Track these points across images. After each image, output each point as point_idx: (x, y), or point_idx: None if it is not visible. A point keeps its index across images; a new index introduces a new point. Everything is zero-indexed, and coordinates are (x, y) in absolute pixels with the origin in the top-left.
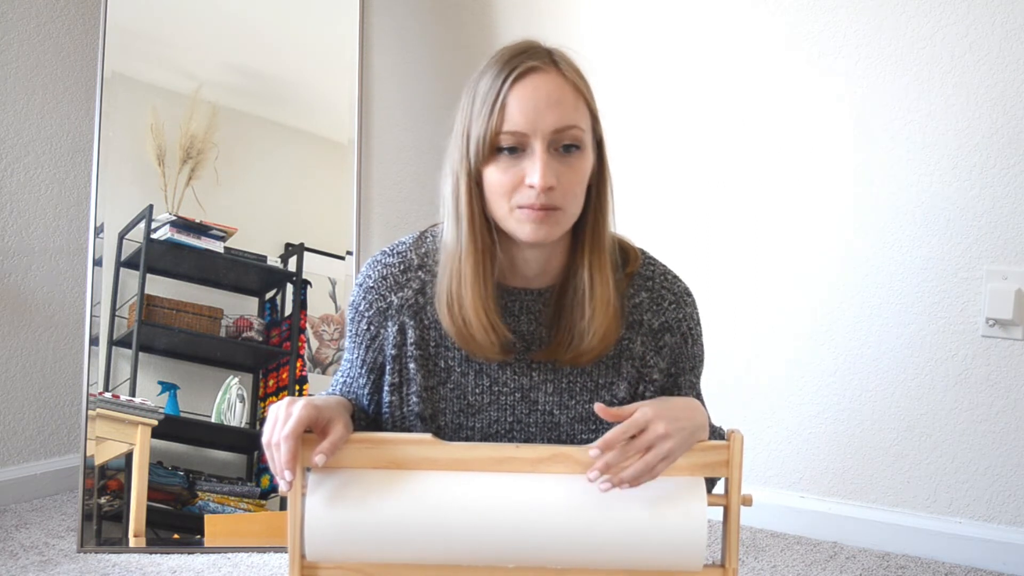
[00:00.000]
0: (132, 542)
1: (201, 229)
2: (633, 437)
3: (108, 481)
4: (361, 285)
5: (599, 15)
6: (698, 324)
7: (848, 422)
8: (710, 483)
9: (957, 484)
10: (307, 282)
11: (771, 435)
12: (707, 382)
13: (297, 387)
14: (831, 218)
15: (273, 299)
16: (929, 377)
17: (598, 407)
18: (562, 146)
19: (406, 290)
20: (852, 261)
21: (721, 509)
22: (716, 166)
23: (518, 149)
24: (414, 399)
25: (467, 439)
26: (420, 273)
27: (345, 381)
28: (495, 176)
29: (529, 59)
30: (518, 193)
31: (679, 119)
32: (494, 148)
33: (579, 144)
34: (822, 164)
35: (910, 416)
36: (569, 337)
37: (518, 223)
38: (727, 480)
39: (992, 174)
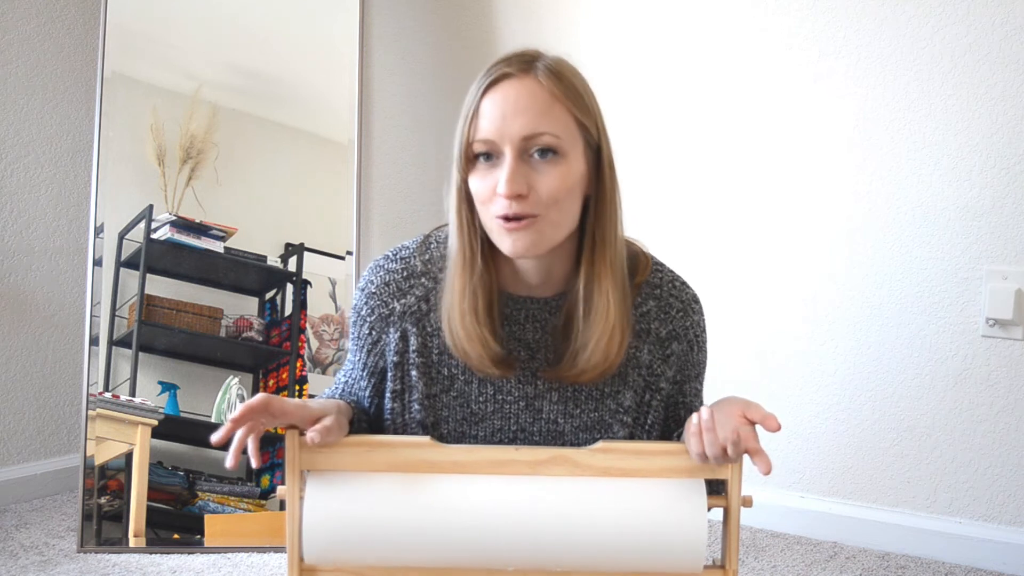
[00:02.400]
0: (132, 542)
1: (201, 229)
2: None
3: (108, 481)
4: (363, 290)
5: (599, 15)
6: (704, 331)
7: (848, 422)
8: (713, 486)
9: (957, 484)
10: (307, 282)
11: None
12: (708, 382)
13: (297, 387)
14: (831, 218)
15: (273, 299)
16: (929, 377)
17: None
18: (538, 152)
19: (409, 297)
20: (852, 261)
21: (721, 510)
22: (716, 167)
23: (493, 157)
24: (416, 407)
25: None
26: (424, 280)
27: (347, 381)
28: (476, 185)
29: (507, 66)
30: (493, 203)
31: (680, 120)
32: (470, 157)
33: (555, 150)
34: (822, 164)
35: (910, 416)
36: (572, 355)
37: (498, 235)
38: (727, 480)
39: (992, 174)
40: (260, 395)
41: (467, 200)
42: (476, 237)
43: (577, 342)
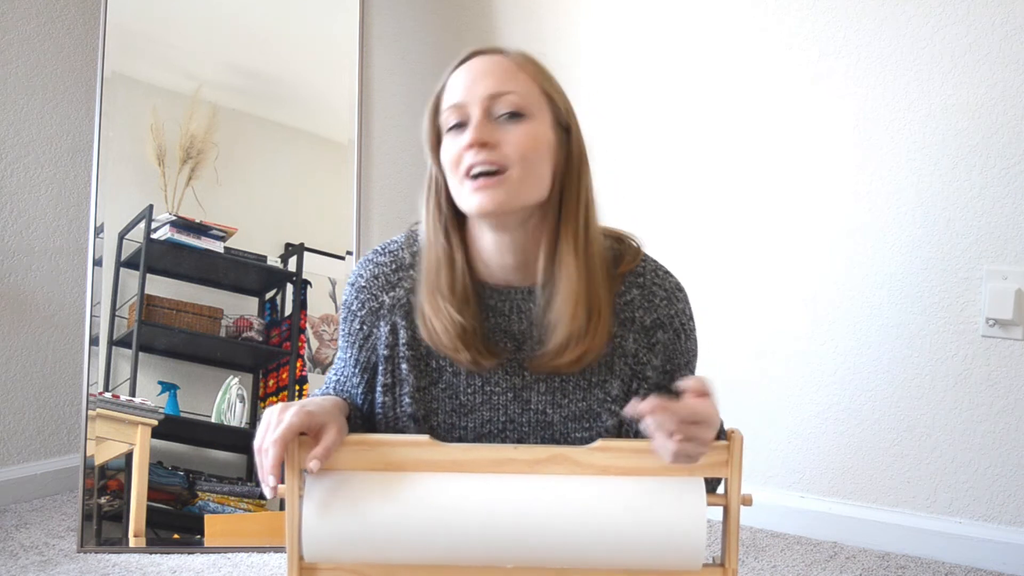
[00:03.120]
0: (132, 542)
1: (201, 229)
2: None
3: (108, 481)
4: (353, 284)
5: (599, 15)
6: (691, 319)
7: (848, 422)
8: (712, 484)
9: (957, 484)
10: (307, 282)
11: (771, 435)
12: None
13: (297, 387)
14: (831, 218)
15: (273, 299)
16: (929, 377)
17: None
18: (503, 114)
19: (398, 289)
20: (852, 261)
21: (721, 509)
22: (717, 167)
23: (462, 125)
24: (407, 400)
25: (460, 439)
26: (412, 272)
27: (339, 379)
28: (446, 154)
29: (477, 51)
30: (461, 162)
31: (680, 120)
32: (440, 133)
33: (521, 111)
34: (822, 164)
35: (910, 416)
36: (548, 341)
37: (467, 198)
38: (727, 480)
39: (992, 174)
40: (281, 428)
41: (437, 186)
42: (443, 221)
43: (554, 329)
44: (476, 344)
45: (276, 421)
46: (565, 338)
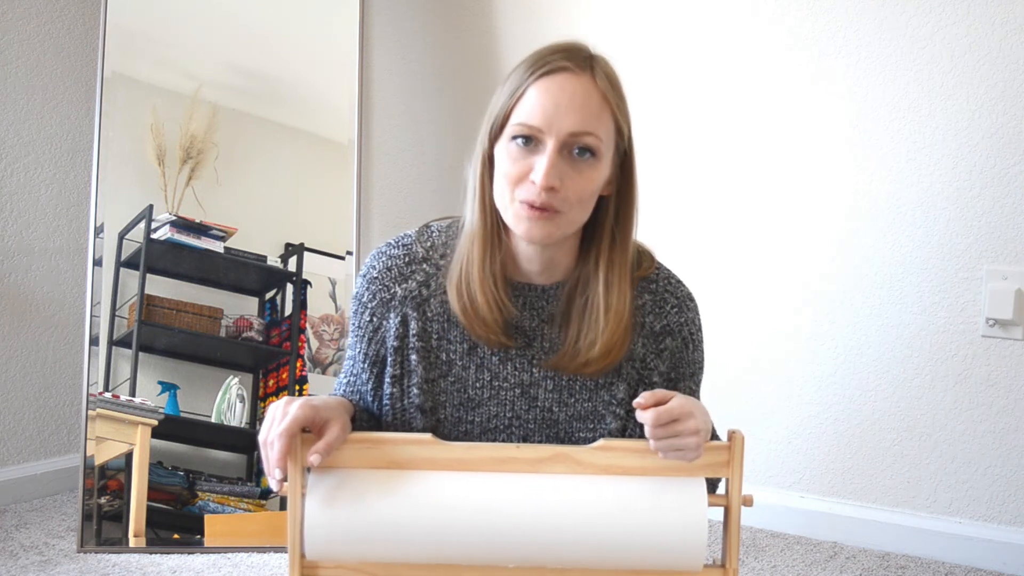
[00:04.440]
0: (132, 542)
1: (201, 229)
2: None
3: (108, 481)
4: (365, 276)
5: (599, 15)
6: (700, 330)
7: (848, 422)
8: (712, 484)
9: (957, 484)
10: (307, 282)
11: (771, 435)
12: (708, 382)
13: (297, 387)
14: (831, 218)
15: (273, 299)
16: (929, 377)
17: (638, 402)
18: (576, 150)
19: (410, 282)
20: (852, 261)
21: (721, 509)
22: (717, 167)
23: (532, 141)
24: (415, 391)
25: (466, 433)
26: (424, 266)
27: (349, 380)
28: (504, 163)
29: (566, 59)
30: (521, 186)
31: (680, 120)
32: (506, 135)
33: (594, 151)
34: (822, 164)
35: (910, 416)
36: (576, 346)
37: (516, 218)
38: (728, 480)
39: (992, 174)
40: (286, 421)
41: (490, 173)
42: (494, 211)
43: (586, 336)
44: (512, 316)
45: (281, 415)
46: (605, 350)
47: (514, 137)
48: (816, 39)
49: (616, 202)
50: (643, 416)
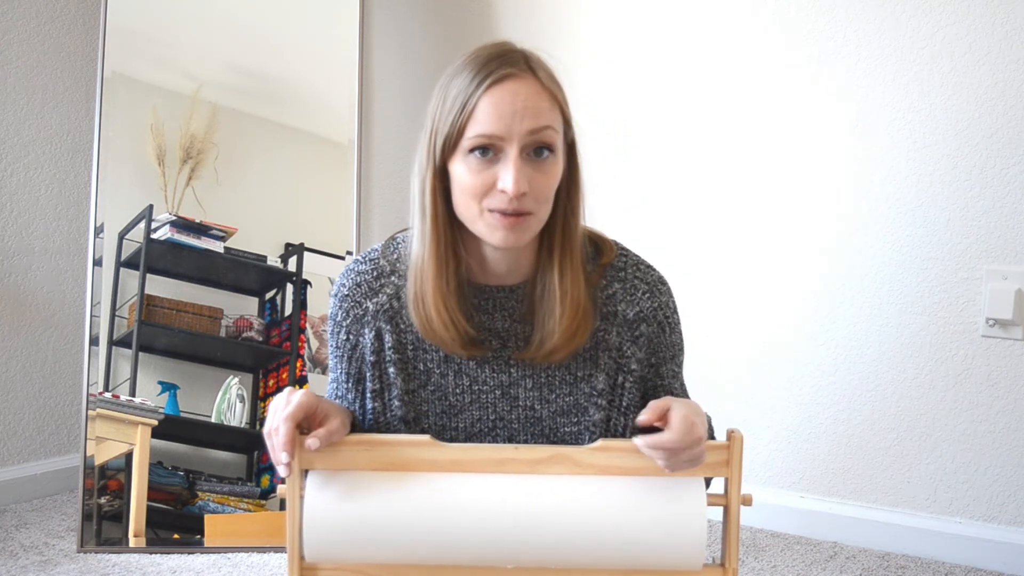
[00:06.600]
0: (132, 542)
1: (201, 229)
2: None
3: (108, 481)
4: (336, 295)
5: (599, 15)
6: (674, 312)
7: (848, 422)
8: (705, 480)
9: (957, 484)
10: (307, 282)
11: (771, 435)
12: (708, 382)
13: (297, 387)
14: (831, 218)
15: (273, 299)
16: (929, 377)
17: (642, 420)
18: (534, 150)
19: (380, 296)
20: (852, 261)
21: (721, 509)
22: (717, 167)
23: (490, 151)
24: (396, 403)
25: (451, 440)
26: (393, 278)
27: (334, 399)
28: (465, 178)
29: (506, 65)
30: (490, 197)
31: (679, 120)
32: (463, 149)
33: (552, 148)
34: (822, 164)
35: (910, 416)
36: (540, 336)
37: (489, 228)
38: (727, 480)
39: (992, 174)
40: (291, 407)
41: (442, 188)
42: (450, 224)
43: (546, 324)
44: (470, 335)
45: (285, 402)
46: (568, 336)
47: (472, 150)
48: (816, 39)
49: (565, 191)
50: (653, 454)
